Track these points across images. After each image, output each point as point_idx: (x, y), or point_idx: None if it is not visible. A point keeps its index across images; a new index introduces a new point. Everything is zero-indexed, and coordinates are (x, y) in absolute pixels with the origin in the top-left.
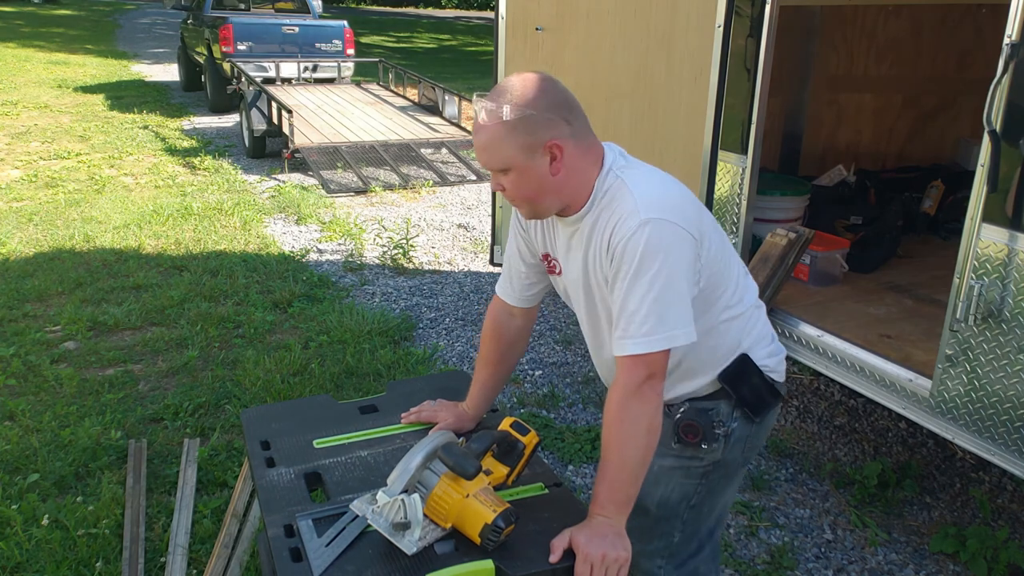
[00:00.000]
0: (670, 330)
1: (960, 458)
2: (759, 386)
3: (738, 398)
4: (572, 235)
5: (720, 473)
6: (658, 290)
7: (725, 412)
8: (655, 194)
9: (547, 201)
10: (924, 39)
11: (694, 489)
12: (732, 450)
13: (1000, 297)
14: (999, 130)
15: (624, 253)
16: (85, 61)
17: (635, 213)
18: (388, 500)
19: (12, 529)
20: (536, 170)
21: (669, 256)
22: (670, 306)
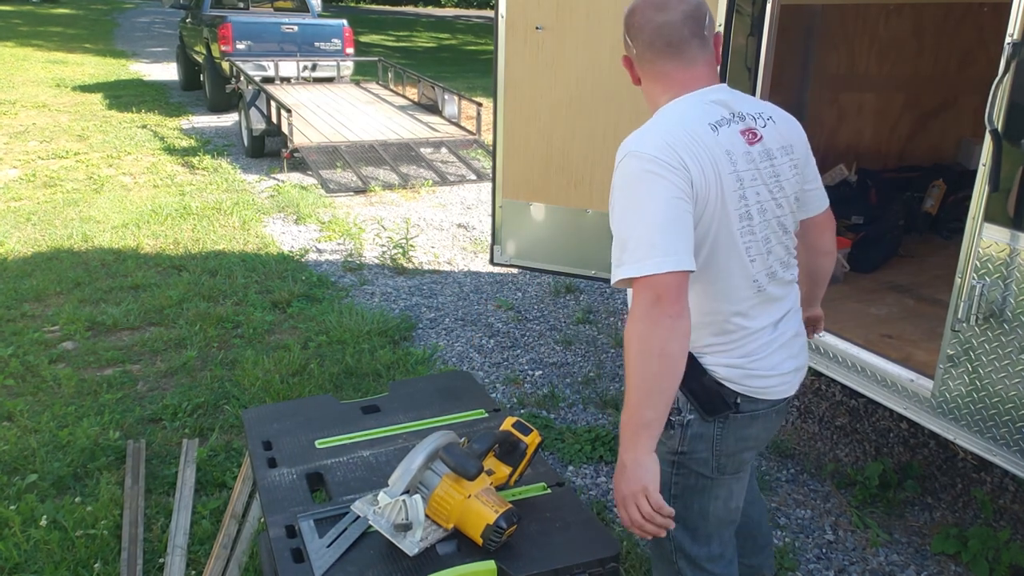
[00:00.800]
0: (661, 256)
1: (962, 458)
2: (710, 387)
3: (688, 391)
4: None
5: (690, 470)
6: (632, 216)
7: (682, 402)
8: (658, 127)
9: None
10: (925, 38)
11: (670, 479)
12: (694, 445)
13: (1002, 297)
14: (1001, 129)
15: (613, 184)
16: (83, 60)
17: (627, 145)
18: (390, 501)
19: (10, 530)
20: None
21: (647, 187)
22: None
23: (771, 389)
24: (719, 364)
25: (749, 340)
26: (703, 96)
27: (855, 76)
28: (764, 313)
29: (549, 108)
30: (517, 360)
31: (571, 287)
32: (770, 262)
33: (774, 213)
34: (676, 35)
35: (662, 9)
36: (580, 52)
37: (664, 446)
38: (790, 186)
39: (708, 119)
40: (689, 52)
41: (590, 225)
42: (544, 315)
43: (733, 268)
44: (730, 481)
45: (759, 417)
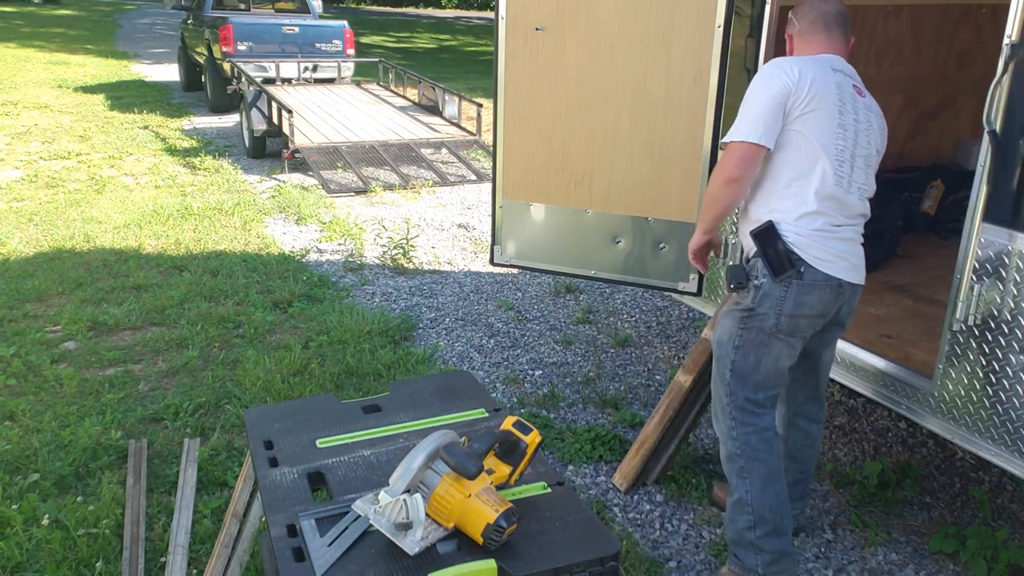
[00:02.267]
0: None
1: (960, 458)
2: (781, 252)
3: (763, 256)
4: None
5: (755, 324)
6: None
7: (760, 268)
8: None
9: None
10: (924, 39)
11: (736, 331)
12: (762, 303)
13: (1000, 297)
14: (999, 130)
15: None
16: (85, 61)
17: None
18: (390, 500)
19: (12, 529)
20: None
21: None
22: (753, 116)
23: (827, 263)
24: (791, 231)
25: (817, 220)
26: (834, 60)
27: None
28: (835, 211)
29: (549, 108)
30: (517, 360)
31: (571, 287)
32: (854, 177)
33: (863, 144)
34: (831, 20)
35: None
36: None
37: (738, 306)
38: (873, 143)
39: (832, 66)
40: (834, 34)
41: (590, 225)
42: (544, 315)
43: (824, 159)
44: (784, 342)
45: (816, 287)
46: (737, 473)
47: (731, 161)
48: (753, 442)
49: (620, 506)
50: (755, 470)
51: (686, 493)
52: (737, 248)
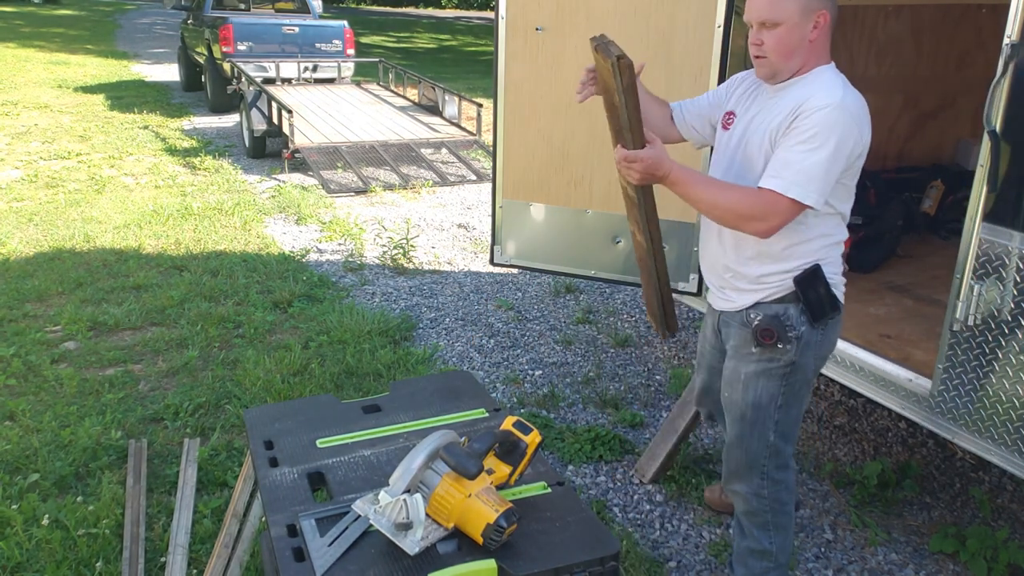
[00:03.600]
0: (809, 190)
1: (960, 458)
2: (823, 296)
3: (805, 302)
4: (770, 101)
5: (798, 377)
6: (819, 157)
7: (794, 316)
8: (855, 98)
9: (794, 61)
10: (924, 39)
11: (779, 390)
12: (804, 354)
13: (1000, 297)
14: (999, 130)
15: (808, 119)
16: (85, 61)
17: (834, 97)
18: (390, 500)
19: (12, 529)
20: (800, 31)
21: (841, 138)
22: (821, 173)
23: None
24: (832, 273)
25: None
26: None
27: (853, 77)
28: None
29: (549, 108)
30: (517, 360)
31: (571, 287)
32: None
33: None
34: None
35: None
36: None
37: (777, 362)
38: None
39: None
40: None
41: (590, 225)
42: (544, 315)
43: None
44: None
45: (840, 321)
46: (761, 527)
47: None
48: (783, 497)
49: (620, 506)
50: (781, 523)
51: (686, 493)
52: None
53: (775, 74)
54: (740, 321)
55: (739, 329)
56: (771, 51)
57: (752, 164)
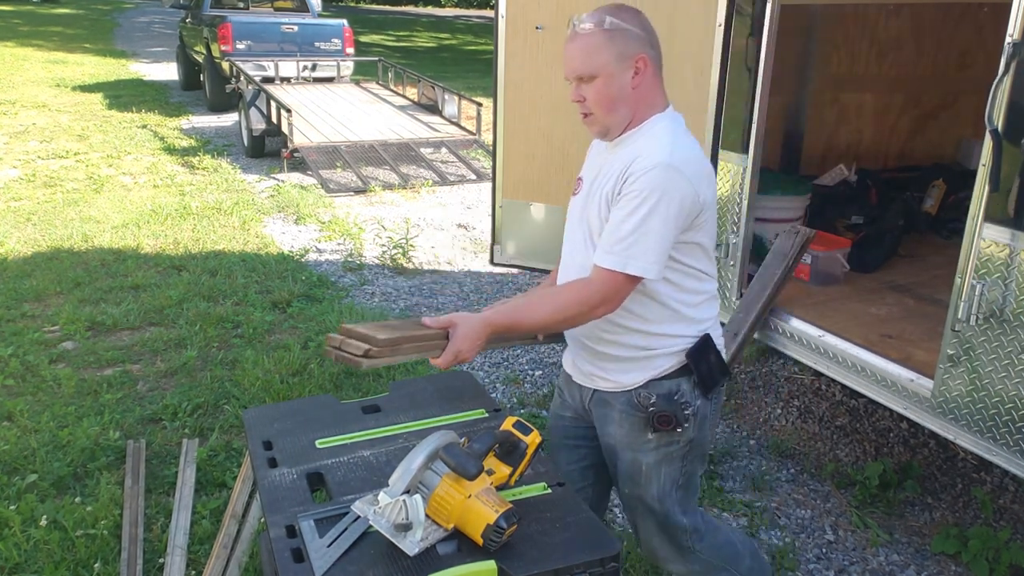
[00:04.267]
0: (646, 262)
1: (962, 458)
2: (715, 364)
3: (698, 376)
4: (608, 159)
5: (696, 453)
6: (652, 225)
7: (688, 392)
8: (686, 152)
9: (620, 113)
10: (925, 38)
11: (680, 471)
12: (701, 429)
13: (1002, 297)
14: (1001, 129)
15: (636, 183)
16: (83, 60)
17: (661, 155)
18: (390, 501)
19: (10, 530)
20: (621, 79)
21: (670, 201)
22: (656, 242)
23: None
24: (718, 336)
25: (716, 309)
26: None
27: (855, 76)
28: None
29: (549, 108)
30: (517, 360)
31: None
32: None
33: None
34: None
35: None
36: None
37: (677, 445)
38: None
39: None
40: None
41: None
42: None
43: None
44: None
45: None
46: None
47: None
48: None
49: (620, 506)
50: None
51: None
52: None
53: (607, 130)
54: (627, 403)
55: (627, 414)
56: (594, 106)
57: (594, 232)
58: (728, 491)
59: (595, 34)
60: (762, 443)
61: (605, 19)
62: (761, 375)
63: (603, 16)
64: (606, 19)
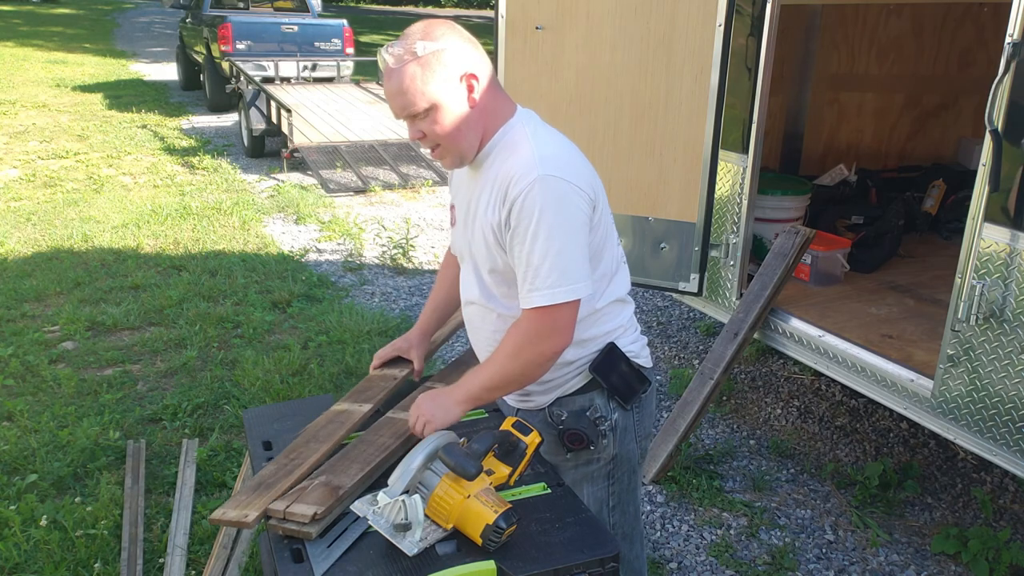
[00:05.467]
0: (573, 283)
1: (962, 458)
2: (627, 373)
3: (609, 388)
4: (472, 182)
5: (624, 469)
6: (559, 244)
7: (602, 405)
8: (553, 151)
9: (468, 138)
10: (925, 38)
11: (607, 491)
12: (624, 443)
13: (1002, 297)
14: (1001, 129)
15: (523, 210)
16: (83, 60)
17: (532, 169)
18: (389, 501)
19: (10, 530)
20: (455, 103)
21: (565, 212)
22: (572, 259)
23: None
24: (630, 342)
25: (632, 314)
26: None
27: (855, 76)
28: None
29: (549, 108)
30: None
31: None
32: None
33: None
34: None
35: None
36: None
37: (597, 463)
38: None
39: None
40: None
41: None
42: None
43: (617, 252)
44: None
45: (653, 389)
46: None
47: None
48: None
49: None
50: None
51: (687, 494)
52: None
53: (461, 158)
54: (542, 422)
55: (544, 433)
56: (438, 136)
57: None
58: (728, 491)
59: (411, 66)
60: (762, 443)
61: (415, 46)
62: (761, 375)
63: (412, 44)
64: (416, 46)
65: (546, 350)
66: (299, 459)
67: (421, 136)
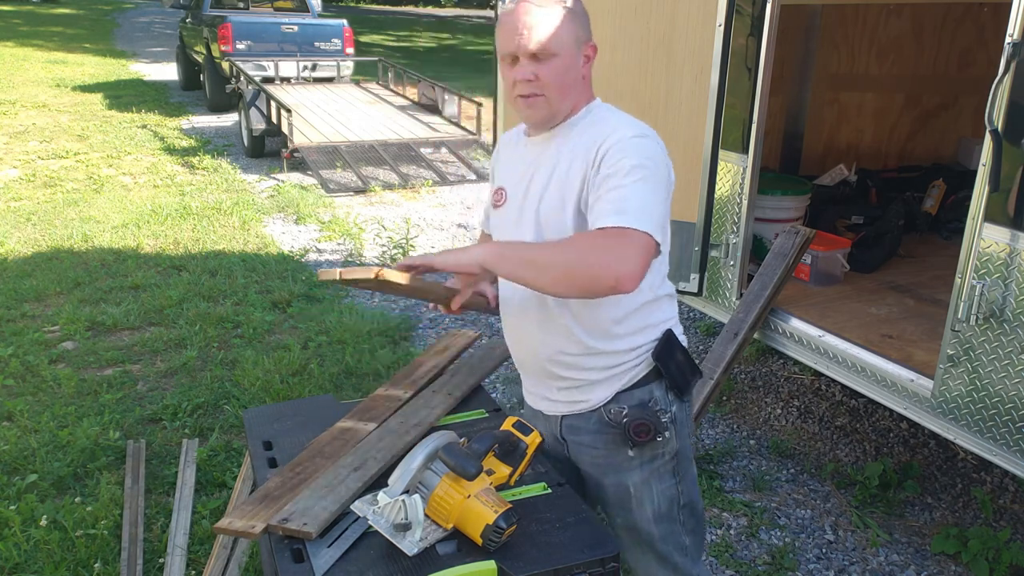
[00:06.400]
0: (656, 229)
1: (962, 458)
2: (683, 363)
3: (668, 377)
4: (541, 153)
5: (685, 464)
6: (651, 190)
7: (661, 397)
8: (644, 127)
9: (568, 99)
10: (925, 38)
11: (675, 489)
12: (682, 436)
13: (1002, 297)
14: (1001, 129)
15: (620, 153)
16: (83, 60)
17: (629, 128)
18: (389, 501)
19: (10, 530)
20: (575, 63)
21: (659, 171)
22: (658, 211)
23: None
24: (679, 334)
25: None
26: None
27: (855, 76)
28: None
29: None
30: None
31: None
32: None
33: None
34: None
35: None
36: None
37: (663, 458)
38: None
39: None
40: None
41: None
42: None
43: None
44: None
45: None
46: None
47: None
48: None
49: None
50: None
51: None
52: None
53: (552, 116)
54: (599, 423)
55: (600, 433)
56: (550, 86)
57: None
58: (728, 491)
59: (556, 7)
60: (762, 443)
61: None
62: (761, 375)
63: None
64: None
65: (607, 268)
66: (303, 473)
67: (532, 78)
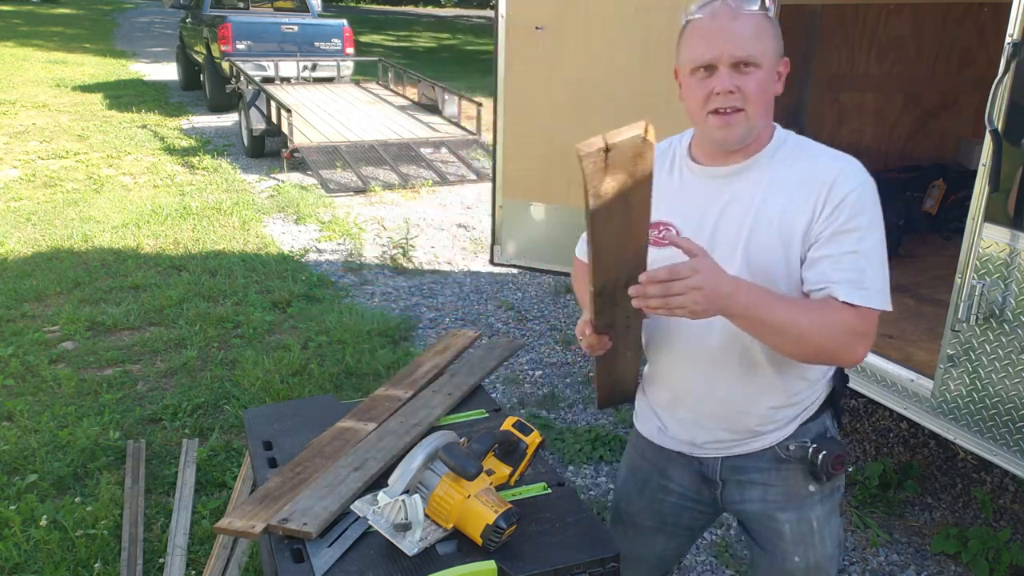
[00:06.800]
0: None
1: (962, 459)
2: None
3: (833, 406)
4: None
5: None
6: (883, 250)
7: (831, 426)
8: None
9: (765, 116)
10: (925, 38)
11: (840, 525)
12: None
13: (1002, 297)
14: (1001, 129)
15: (858, 204)
16: (83, 60)
17: (859, 171)
18: (389, 501)
19: (10, 530)
20: (772, 77)
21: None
22: (882, 269)
23: None
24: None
25: None
26: None
27: (855, 76)
28: None
29: (549, 108)
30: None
31: (571, 287)
32: None
33: None
34: None
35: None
36: (580, 52)
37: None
38: None
39: None
40: None
41: None
42: (544, 315)
43: None
44: None
45: None
46: None
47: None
48: None
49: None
50: None
51: None
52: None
53: (747, 136)
54: (774, 459)
55: (774, 470)
56: (752, 101)
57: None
58: None
59: (762, 18)
60: None
61: (767, 5)
62: None
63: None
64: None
65: (853, 352)
66: (304, 473)
67: (735, 89)
